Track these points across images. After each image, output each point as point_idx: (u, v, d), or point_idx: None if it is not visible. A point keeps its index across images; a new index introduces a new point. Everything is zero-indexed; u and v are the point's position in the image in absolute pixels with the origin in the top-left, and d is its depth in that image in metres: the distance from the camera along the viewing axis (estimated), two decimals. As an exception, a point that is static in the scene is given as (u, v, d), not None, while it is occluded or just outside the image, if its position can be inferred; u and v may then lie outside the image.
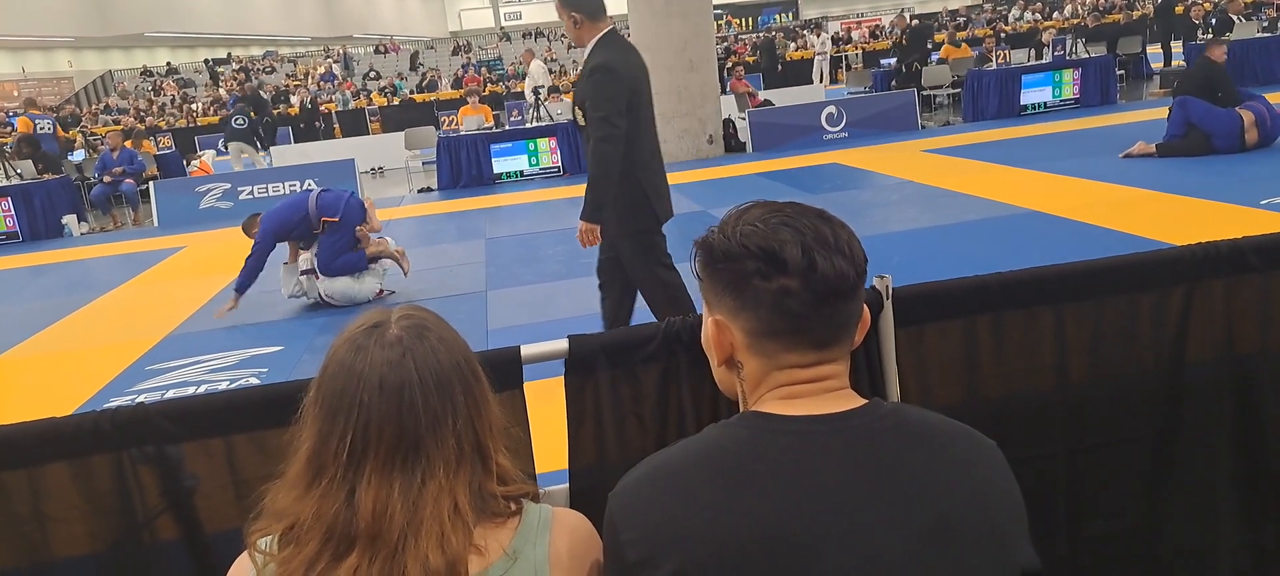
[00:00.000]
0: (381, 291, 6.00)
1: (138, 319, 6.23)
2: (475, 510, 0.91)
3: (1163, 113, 10.03)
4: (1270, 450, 1.87)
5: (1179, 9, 17.87)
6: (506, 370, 1.53)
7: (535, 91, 14.11)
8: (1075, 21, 20.91)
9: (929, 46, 16.40)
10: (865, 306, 0.93)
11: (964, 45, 16.67)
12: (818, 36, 22.68)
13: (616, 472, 1.61)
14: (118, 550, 1.58)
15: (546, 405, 1.71)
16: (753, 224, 0.90)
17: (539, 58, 17.90)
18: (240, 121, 13.60)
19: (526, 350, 1.55)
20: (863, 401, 0.91)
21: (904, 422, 0.89)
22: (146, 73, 31.96)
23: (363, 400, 0.89)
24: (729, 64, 16.33)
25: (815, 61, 21.08)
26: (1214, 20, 14.30)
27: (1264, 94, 8.28)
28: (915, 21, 16.22)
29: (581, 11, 3.50)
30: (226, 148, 14.14)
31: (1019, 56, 13.41)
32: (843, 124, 12.32)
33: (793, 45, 24.14)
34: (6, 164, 11.64)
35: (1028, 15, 25.40)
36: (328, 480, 0.90)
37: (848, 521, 0.80)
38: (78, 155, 14.96)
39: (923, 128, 12.64)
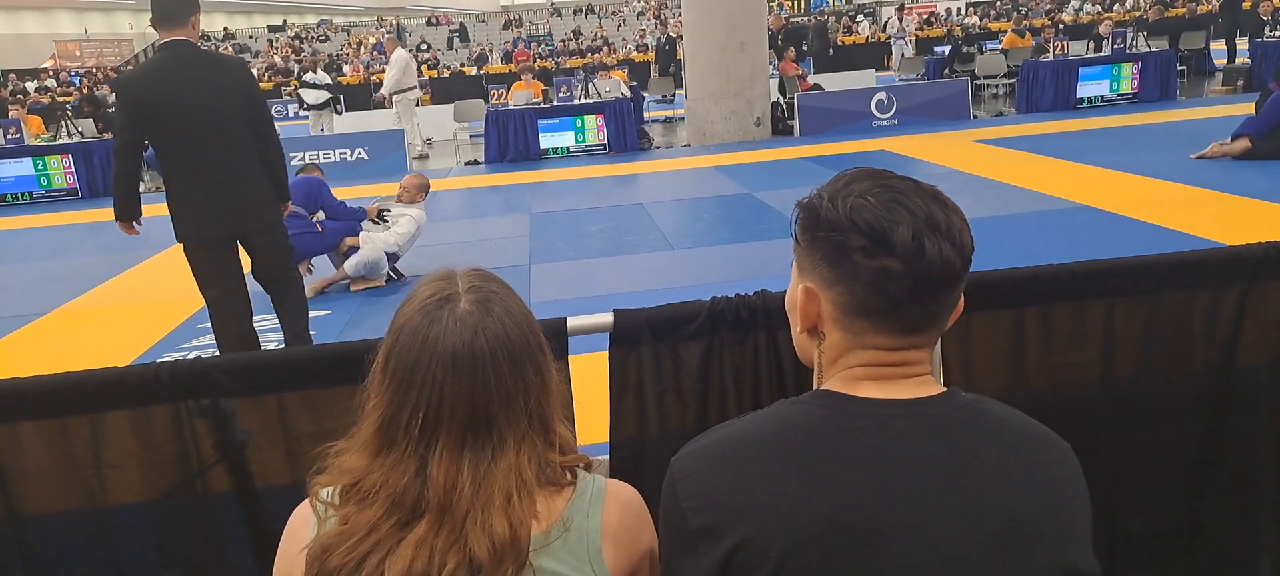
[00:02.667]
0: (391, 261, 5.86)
1: (190, 278, 6.38)
2: (536, 479, 0.92)
3: (1225, 111, 9.71)
4: (1322, 459, 1.82)
5: (1247, 4, 17.17)
6: (552, 340, 1.55)
7: (394, 95, 12.64)
8: (1136, 14, 20.22)
9: (806, 49, 15.55)
10: (962, 295, 0.89)
11: (1027, 34, 16.26)
12: (900, 18, 20.35)
13: (656, 446, 1.64)
14: (171, 498, 1.64)
15: (585, 379, 1.73)
16: (864, 197, 0.85)
17: (406, 48, 15.12)
18: (317, 94, 13.63)
19: (573, 321, 1.57)
20: (941, 389, 0.88)
21: (981, 416, 0.86)
22: (204, 37, 32.58)
23: (436, 376, 0.89)
24: (779, 43, 16.00)
25: (895, 48, 19.26)
26: (1284, 16, 13.75)
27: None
28: (788, 22, 15.16)
29: (153, 14, 3.50)
30: (306, 111, 14.32)
31: (1077, 49, 13.04)
32: (893, 111, 12.11)
33: (847, 28, 23.71)
34: (68, 122, 11.99)
35: (1088, 6, 24.64)
36: (398, 451, 0.90)
37: (918, 511, 0.79)
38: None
39: (975, 117, 12.38)
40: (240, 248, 3.81)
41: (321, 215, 5.79)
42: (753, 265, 5.58)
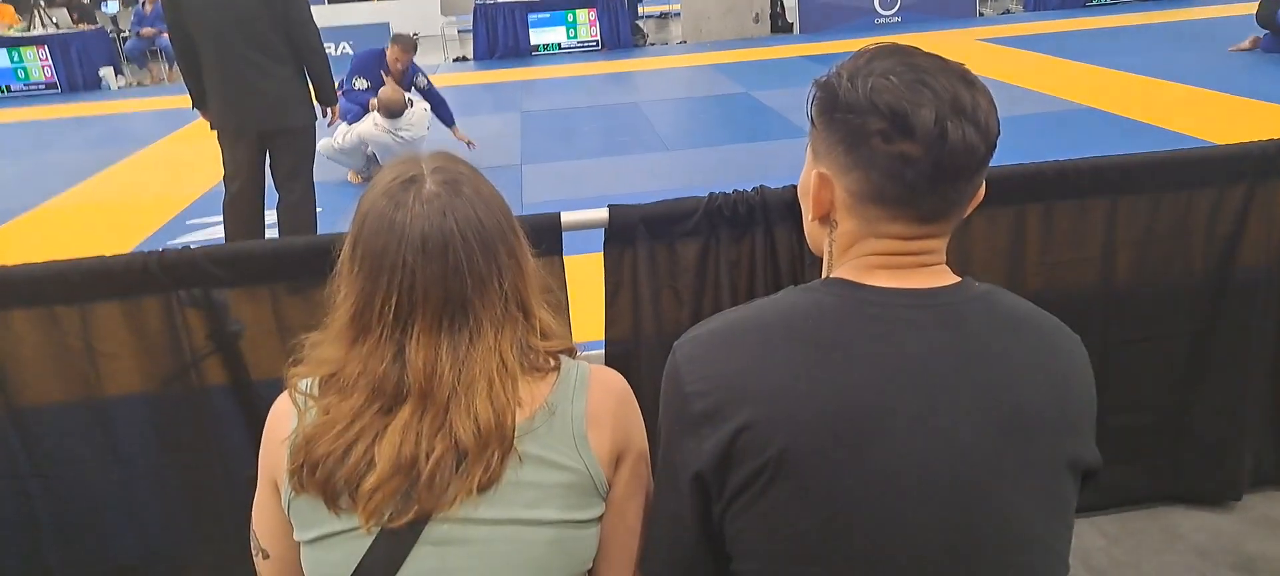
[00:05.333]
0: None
1: (178, 174, 6.29)
2: (519, 364, 0.91)
3: (1233, 10, 9.48)
4: (1312, 359, 1.84)
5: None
6: (547, 236, 1.53)
7: None
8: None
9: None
10: (983, 183, 0.85)
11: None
12: None
13: (651, 344, 1.64)
14: (168, 388, 1.64)
15: (580, 280, 1.71)
16: (886, 77, 0.79)
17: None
18: None
19: (567, 217, 1.55)
20: (956, 279, 0.85)
21: (994, 306, 0.84)
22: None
23: (406, 260, 0.87)
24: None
25: None
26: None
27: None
28: None
29: None
30: None
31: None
32: (897, 7, 11.80)
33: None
34: (41, 12, 11.60)
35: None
36: (374, 338, 0.89)
37: (926, 400, 0.78)
38: (111, 6, 14.82)
39: (981, 15, 12.10)
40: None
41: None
42: (750, 167, 5.52)
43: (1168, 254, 1.70)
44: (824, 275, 0.90)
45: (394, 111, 5.48)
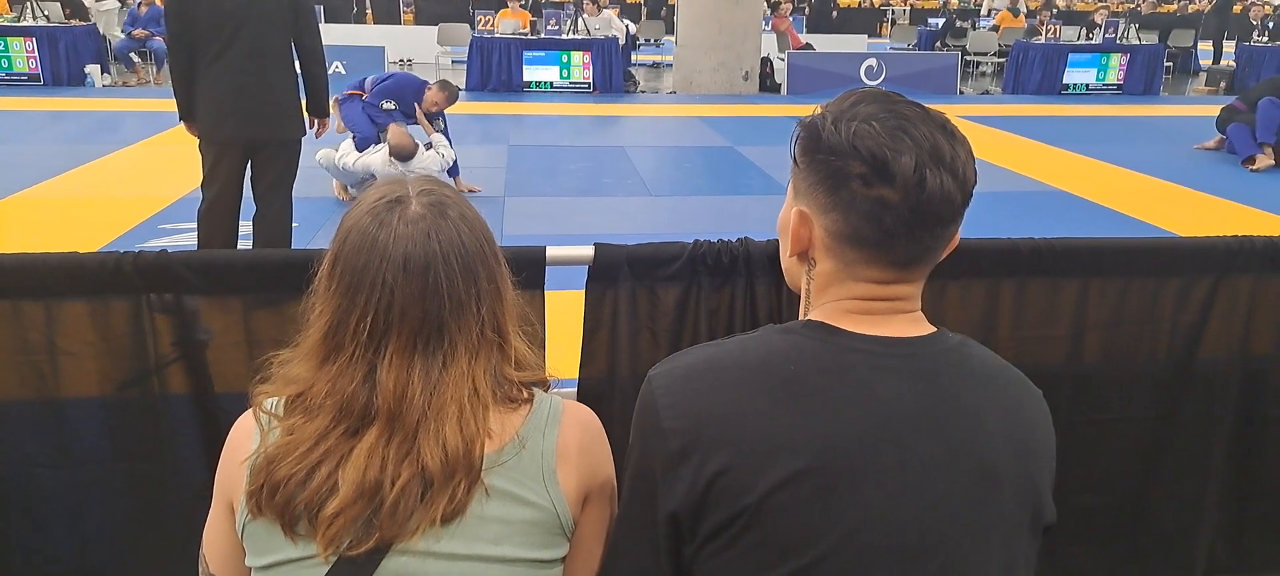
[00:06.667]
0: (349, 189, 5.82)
1: (153, 177, 6.21)
2: (492, 393, 0.90)
3: (1205, 111, 9.83)
4: (1267, 453, 1.88)
5: (1237, 8, 17.31)
6: (530, 269, 1.53)
7: None
8: (1130, 5, 20.26)
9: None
10: (958, 231, 0.87)
11: (1020, 16, 16.17)
12: None
13: (625, 384, 1.63)
14: (126, 392, 1.60)
15: (558, 317, 1.70)
16: (868, 122, 0.81)
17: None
18: None
19: (552, 252, 1.55)
20: (931, 329, 0.86)
21: (967, 360, 0.86)
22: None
23: (386, 279, 0.86)
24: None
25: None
26: (1271, 23, 13.87)
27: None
28: None
29: None
30: None
31: (1069, 34, 13.06)
32: (882, 78, 12.06)
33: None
34: (34, 4, 11.50)
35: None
36: (346, 357, 0.87)
37: (899, 452, 0.78)
38: (107, 2, 14.73)
39: (961, 94, 12.40)
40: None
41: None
42: (730, 218, 5.57)
43: (1134, 338, 1.73)
44: (801, 313, 0.91)
45: (404, 156, 5.58)
